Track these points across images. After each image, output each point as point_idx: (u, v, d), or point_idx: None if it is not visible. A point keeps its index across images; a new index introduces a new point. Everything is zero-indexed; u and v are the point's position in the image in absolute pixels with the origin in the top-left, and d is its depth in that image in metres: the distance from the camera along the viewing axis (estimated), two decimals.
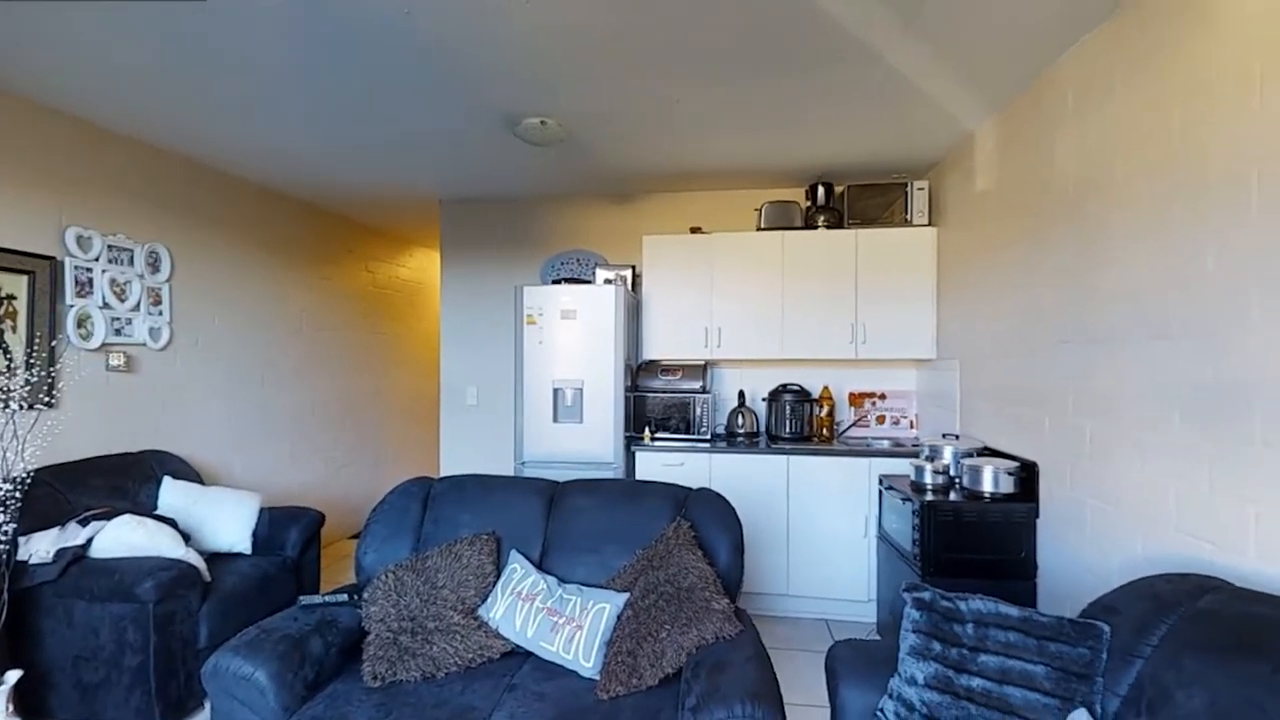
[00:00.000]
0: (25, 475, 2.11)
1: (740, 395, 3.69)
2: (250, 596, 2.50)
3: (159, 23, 2.01)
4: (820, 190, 3.55)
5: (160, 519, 2.45)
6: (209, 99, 2.57)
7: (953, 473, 2.56)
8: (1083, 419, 2.02)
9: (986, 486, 2.37)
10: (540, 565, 2.08)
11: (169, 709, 2.17)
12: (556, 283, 3.34)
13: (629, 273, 3.76)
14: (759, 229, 3.57)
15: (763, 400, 3.68)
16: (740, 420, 3.60)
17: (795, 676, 2.57)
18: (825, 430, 3.56)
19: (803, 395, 3.53)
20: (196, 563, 2.35)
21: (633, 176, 3.64)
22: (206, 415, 3.41)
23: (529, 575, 2.00)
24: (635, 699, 1.62)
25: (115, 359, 2.88)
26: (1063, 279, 2.14)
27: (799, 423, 3.51)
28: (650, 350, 3.62)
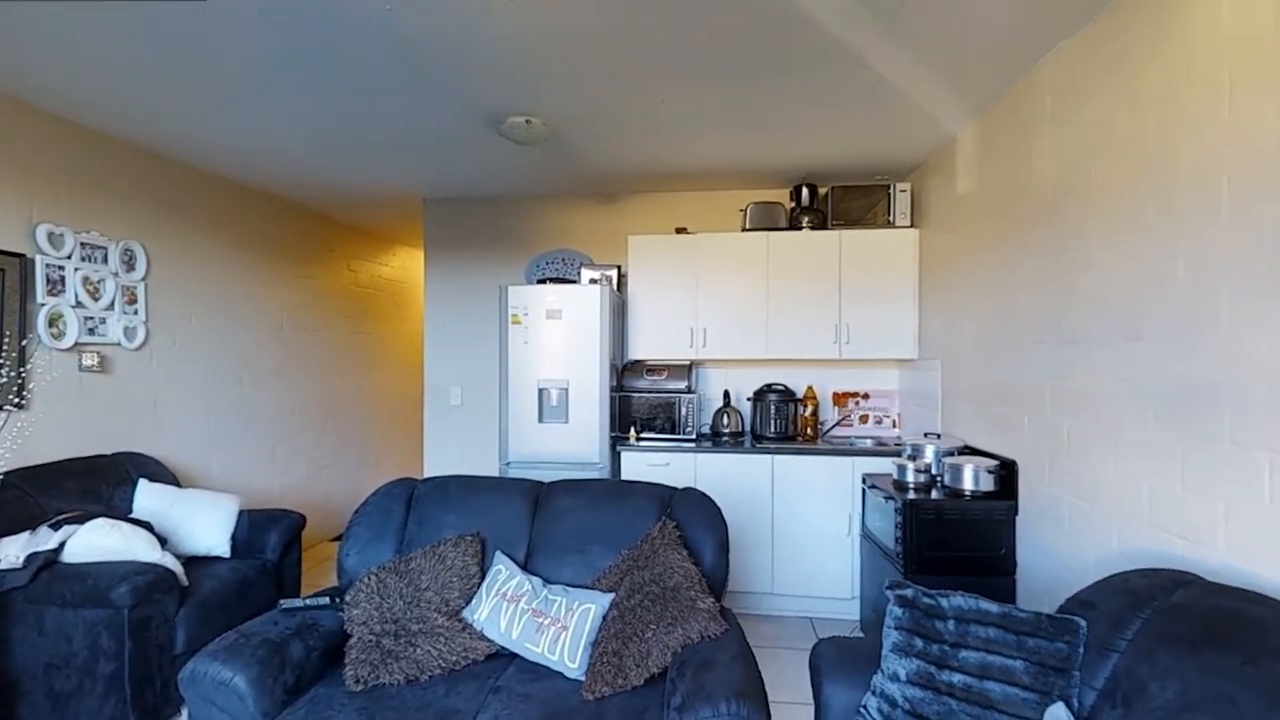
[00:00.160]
0: None
1: (725, 395, 3.71)
2: (229, 601, 2.46)
3: (135, 17, 1.96)
4: (804, 191, 3.58)
5: (136, 522, 2.39)
6: (186, 95, 2.52)
7: (934, 471, 2.60)
8: (1060, 418, 2.06)
9: (967, 485, 2.40)
10: (525, 566, 2.07)
11: (144, 717, 2.12)
12: (541, 282, 3.33)
13: (614, 272, 3.76)
14: (744, 229, 3.59)
15: (748, 400, 3.70)
16: (725, 420, 3.62)
17: (780, 674, 2.59)
18: (809, 430, 3.59)
19: (787, 395, 3.56)
20: (173, 566, 2.30)
21: (618, 176, 3.64)
22: (184, 416, 3.35)
23: (514, 576, 1.99)
24: (621, 699, 1.62)
25: (88, 359, 2.81)
26: (1041, 281, 2.18)
27: (784, 422, 3.54)
28: (635, 350, 3.63)
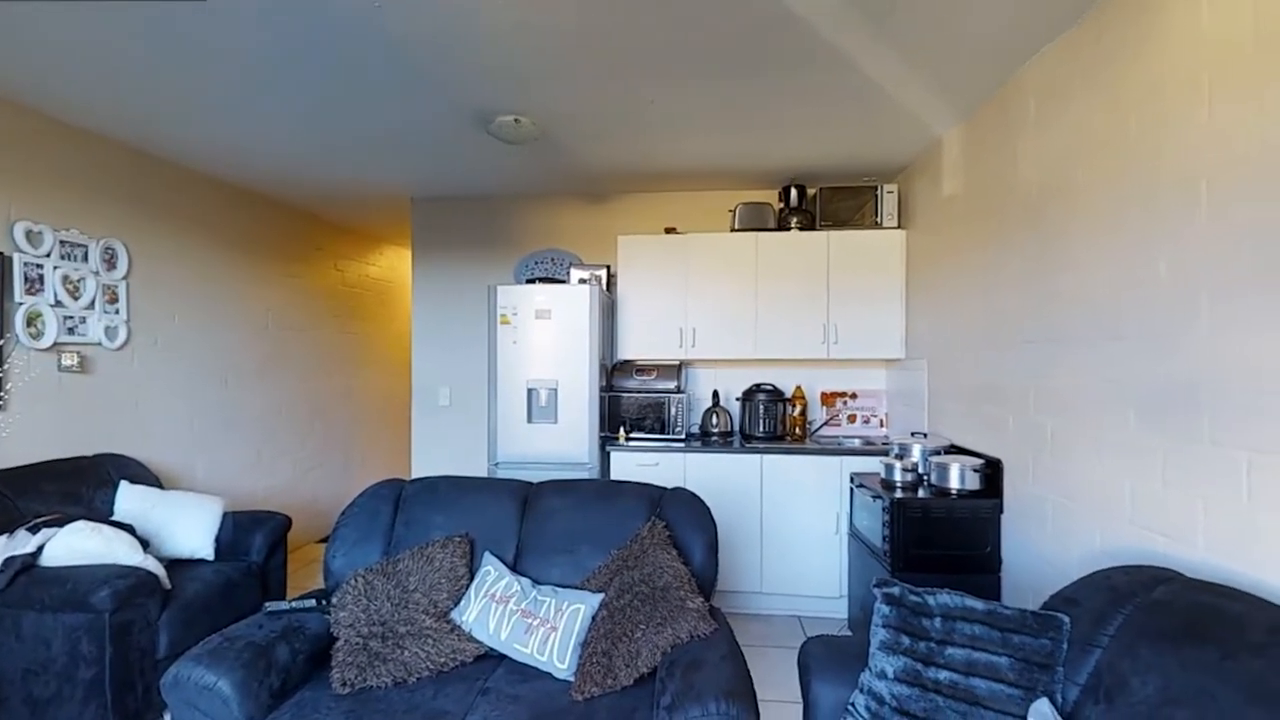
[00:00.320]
0: None
1: (714, 395, 3.72)
2: (213, 604, 2.43)
3: (118, 13, 1.93)
4: (793, 192, 3.59)
5: (117, 525, 2.36)
6: (170, 93, 2.48)
7: (921, 470, 2.62)
8: (1044, 417, 2.08)
9: (954, 483, 2.43)
10: (514, 567, 2.06)
11: None
12: (531, 282, 3.32)
13: (604, 272, 3.75)
14: (733, 230, 3.60)
15: (737, 400, 3.71)
16: (714, 420, 3.63)
17: (769, 673, 2.59)
18: (798, 429, 3.61)
19: (776, 395, 3.57)
20: (156, 570, 2.27)
21: (607, 176, 3.64)
22: (167, 417, 3.30)
23: (503, 577, 1.98)
24: (610, 699, 1.62)
25: (68, 359, 2.76)
26: (1025, 281, 2.20)
27: (772, 422, 3.55)
28: (625, 350, 3.62)
